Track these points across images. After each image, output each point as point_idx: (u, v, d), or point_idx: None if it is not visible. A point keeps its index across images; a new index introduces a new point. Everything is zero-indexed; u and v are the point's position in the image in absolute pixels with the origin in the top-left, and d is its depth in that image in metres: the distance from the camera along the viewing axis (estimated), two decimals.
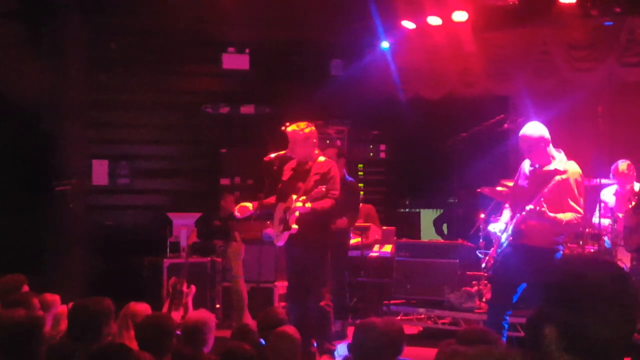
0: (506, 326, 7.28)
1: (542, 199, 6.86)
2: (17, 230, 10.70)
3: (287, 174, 8.30)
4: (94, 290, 8.81)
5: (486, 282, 9.22)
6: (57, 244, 11.04)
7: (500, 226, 7.57)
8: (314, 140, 8.24)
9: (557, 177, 6.97)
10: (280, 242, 8.16)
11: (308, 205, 7.84)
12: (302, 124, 8.17)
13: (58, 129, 11.51)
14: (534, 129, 7.17)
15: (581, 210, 7.04)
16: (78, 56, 11.75)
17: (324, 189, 7.85)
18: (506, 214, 7.60)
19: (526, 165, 7.36)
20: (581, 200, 7.06)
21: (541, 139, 7.11)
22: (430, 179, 13.27)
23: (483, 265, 8.90)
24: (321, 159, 8.21)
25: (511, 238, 7.29)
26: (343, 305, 9.23)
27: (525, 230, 7.16)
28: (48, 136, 11.34)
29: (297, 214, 7.90)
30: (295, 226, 7.91)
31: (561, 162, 7.13)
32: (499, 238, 7.48)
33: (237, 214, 8.30)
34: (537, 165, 7.21)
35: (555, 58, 11.40)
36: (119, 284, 10.03)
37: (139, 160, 12.76)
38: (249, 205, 8.25)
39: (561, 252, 7.30)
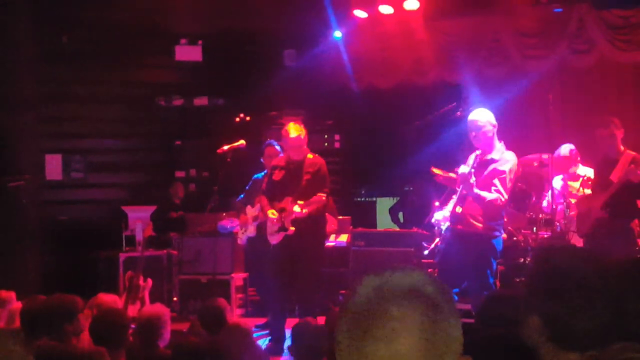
0: None
1: (472, 172, 7.28)
2: None
3: (278, 173, 8.36)
4: (49, 286, 8.74)
5: None
6: (11, 240, 10.91)
7: (445, 214, 7.83)
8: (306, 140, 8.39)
9: (492, 166, 7.40)
10: (275, 241, 8.30)
11: (305, 211, 8.00)
12: (298, 127, 8.23)
13: (9, 124, 11.34)
14: (481, 114, 7.53)
15: (505, 196, 7.37)
16: (29, 49, 11.60)
17: (324, 197, 8.04)
18: (452, 203, 7.78)
19: (471, 159, 7.61)
20: (508, 186, 7.40)
21: (487, 124, 7.46)
22: (385, 167, 13.31)
23: (426, 252, 9.13)
24: (310, 156, 8.29)
25: (450, 224, 7.64)
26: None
27: (461, 216, 7.45)
28: None
29: (294, 216, 8.03)
30: (292, 228, 8.07)
31: (499, 151, 7.49)
32: (440, 225, 7.73)
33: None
34: (480, 153, 7.50)
35: (505, 45, 11.49)
36: (74, 279, 10.00)
37: (92, 154, 12.66)
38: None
39: (500, 237, 7.51)
